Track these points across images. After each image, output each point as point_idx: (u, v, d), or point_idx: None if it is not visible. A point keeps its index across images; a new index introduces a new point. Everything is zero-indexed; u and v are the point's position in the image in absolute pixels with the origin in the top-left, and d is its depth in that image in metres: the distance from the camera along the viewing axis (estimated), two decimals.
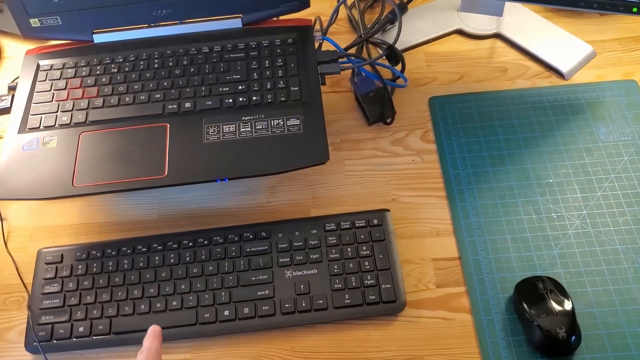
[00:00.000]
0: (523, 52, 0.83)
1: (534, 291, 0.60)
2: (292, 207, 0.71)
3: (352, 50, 0.81)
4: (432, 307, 0.63)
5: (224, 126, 0.65)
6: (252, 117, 0.66)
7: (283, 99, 0.67)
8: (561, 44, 0.82)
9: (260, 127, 0.65)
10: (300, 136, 0.64)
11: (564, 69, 0.79)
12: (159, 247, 0.66)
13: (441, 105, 0.78)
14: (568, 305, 0.59)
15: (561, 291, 0.60)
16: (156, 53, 0.72)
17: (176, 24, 0.74)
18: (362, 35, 0.82)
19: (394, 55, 0.74)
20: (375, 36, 0.83)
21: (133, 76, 0.70)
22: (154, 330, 0.52)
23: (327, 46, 0.76)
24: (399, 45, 0.83)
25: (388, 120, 0.76)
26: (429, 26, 0.85)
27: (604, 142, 0.73)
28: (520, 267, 0.64)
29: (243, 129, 0.65)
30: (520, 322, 0.61)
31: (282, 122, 0.65)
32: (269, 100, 0.67)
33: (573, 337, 0.58)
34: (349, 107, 0.79)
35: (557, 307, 0.58)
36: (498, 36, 0.84)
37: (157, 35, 0.74)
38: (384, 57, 0.78)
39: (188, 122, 0.66)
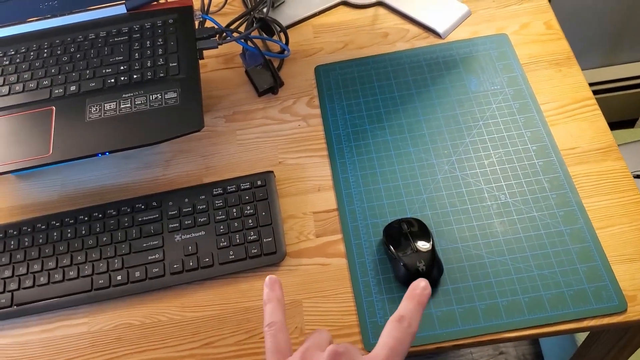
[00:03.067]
0: (403, 17, 0.87)
1: (398, 232, 0.65)
2: (186, 177, 0.75)
3: (241, 28, 0.85)
4: (311, 255, 0.68)
5: (105, 104, 0.69)
6: (132, 94, 0.70)
7: (162, 74, 0.71)
8: (438, 6, 0.86)
9: (140, 102, 0.69)
10: (177, 107, 0.68)
11: (440, 29, 0.84)
12: (57, 224, 0.70)
13: (326, 72, 0.83)
14: (428, 242, 0.64)
15: (423, 229, 0.65)
16: (46, 44, 0.76)
17: (65, 14, 0.78)
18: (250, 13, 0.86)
19: (268, 27, 0.78)
20: (269, 15, 0.87)
21: (23, 66, 0.74)
22: (270, 280, 0.49)
23: (210, 25, 0.80)
24: (288, 20, 0.88)
25: (274, 91, 0.81)
26: (316, 0, 0.90)
27: (474, 92, 0.78)
28: (392, 213, 0.69)
29: (123, 105, 0.69)
30: (388, 261, 0.66)
31: (160, 96, 0.69)
32: (149, 77, 0.71)
33: (433, 270, 0.63)
34: (241, 81, 0.84)
35: (418, 244, 0.63)
36: (380, 4, 0.89)
37: (47, 27, 0.78)
38: (259, 30, 0.82)
39: (72, 103, 0.70)
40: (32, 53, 0.75)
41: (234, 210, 0.70)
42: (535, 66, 0.80)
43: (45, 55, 0.75)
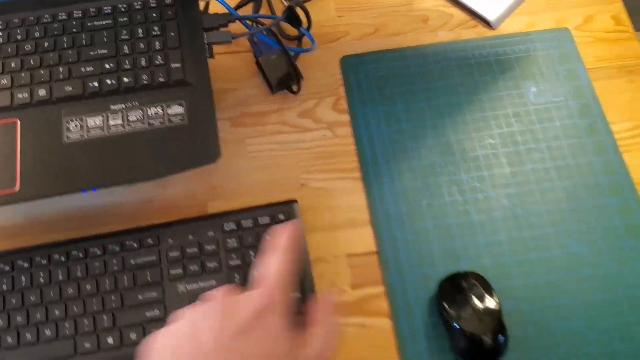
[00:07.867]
0: None
1: (457, 291, 0.54)
2: (187, 201, 0.61)
3: (248, 7, 0.68)
4: (348, 313, 0.56)
5: (89, 119, 0.53)
6: (123, 106, 0.54)
7: (162, 79, 0.55)
8: None
9: (135, 118, 0.53)
10: (185, 128, 0.53)
11: (491, 16, 0.70)
12: (26, 265, 0.56)
13: (354, 66, 0.68)
14: (494, 306, 0.53)
15: (487, 289, 0.54)
16: None
17: None
18: None
19: (295, 16, 0.62)
20: None
21: None
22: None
23: (215, 7, 0.63)
24: None
25: (294, 89, 0.66)
26: None
27: (534, 104, 0.65)
28: (444, 261, 0.58)
29: (113, 122, 0.53)
30: (444, 326, 0.55)
31: (161, 111, 0.54)
32: (145, 81, 0.55)
33: (500, 341, 0.53)
34: (250, 73, 0.68)
35: (482, 308, 0.53)
36: None
37: None
38: (284, 18, 0.66)
39: (43, 115, 0.54)
40: None
41: (253, 256, 0.57)
42: (602, 73, 0.68)
43: None
